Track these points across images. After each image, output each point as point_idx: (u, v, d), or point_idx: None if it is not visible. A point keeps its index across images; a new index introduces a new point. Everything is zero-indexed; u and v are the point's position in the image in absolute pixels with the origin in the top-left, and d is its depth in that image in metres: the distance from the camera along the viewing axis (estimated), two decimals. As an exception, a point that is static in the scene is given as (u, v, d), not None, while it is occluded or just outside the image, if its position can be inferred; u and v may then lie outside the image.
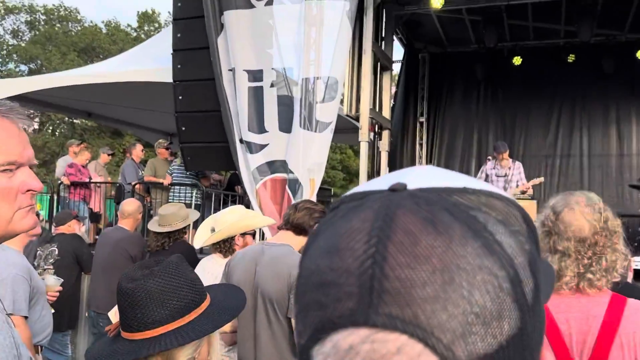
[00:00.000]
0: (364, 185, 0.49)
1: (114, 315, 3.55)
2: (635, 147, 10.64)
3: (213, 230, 3.53)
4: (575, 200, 1.60)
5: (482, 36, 9.49)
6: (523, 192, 7.69)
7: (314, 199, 5.91)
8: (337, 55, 6.23)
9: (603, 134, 10.76)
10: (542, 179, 7.92)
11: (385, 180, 0.48)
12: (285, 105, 6.31)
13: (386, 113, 8.75)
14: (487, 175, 7.77)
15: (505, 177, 7.67)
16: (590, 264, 1.53)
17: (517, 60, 10.73)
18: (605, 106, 10.72)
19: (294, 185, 6.14)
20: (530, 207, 7.67)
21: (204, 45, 6.78)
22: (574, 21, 8.96)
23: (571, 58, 10.47)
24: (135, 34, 31.03)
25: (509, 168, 7.72)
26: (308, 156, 6.13)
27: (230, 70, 6.56)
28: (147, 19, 31.76)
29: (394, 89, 11.59)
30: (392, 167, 9.61)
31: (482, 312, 0.40)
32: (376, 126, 8.51)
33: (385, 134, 8.68)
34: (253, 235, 3.92)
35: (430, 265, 0.40)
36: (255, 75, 6.41)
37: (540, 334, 0.45)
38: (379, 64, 8.33)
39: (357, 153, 6.86)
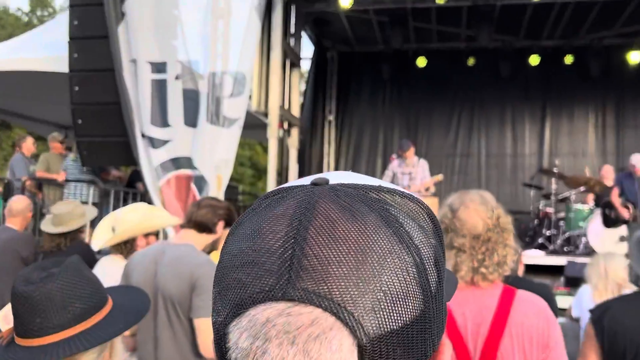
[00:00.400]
0: (288, 183, 0.53)
1: (2, 320, 3.30)
2: (528, 148, 11.27)
3: (114, 230, 3.34)
4: (470, 199, 1.66)
5: (389, 37, 9.72)
6: (427, 189, 7.95)
7: (221, 196, 5.80)
8: (245, 50, 6.15)
9: (499, 135, 11.36)
10: (441, 176, 8.17)
11: (309, 178, 0.51)
12: (191, 99, 6.14)
13: (295, 110, 8.77)
14: (394, 174, 7.93)
15: (410, 175, 7.86)
16: (484, 259, 1.60)
17: (421, 62, 11.10)
18: (502, 108, 11.35)
19: (200, 182, 5.99)
20: (432, 204, 8.00)
21: (103, 34, 6.44)
22: (474, 26, 9.42)
23: (471, 61, 10.99)
24: (26, 19, 29.08)
25: (414, 166, 7.91)
26: (215, 152, 6.00)
27: (131, 61, 6.28)
28: (41, 3, 29.87)
29: (303, 87, 11.69)
30: (301, 164, 9.70)
31: (390, 291, 0.43)
32: (285, 123, 8.51)
33: (295, 131, 8.70)
34: (156, 235, 3.76)
35: (346, 246, 0.43)
36: (159, 67, 6.18)
37: (441, 324, 0.48)
38: (288, 60, 8.33)
39: (266, 150, 6.87)
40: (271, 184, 7.47)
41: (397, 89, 11.70)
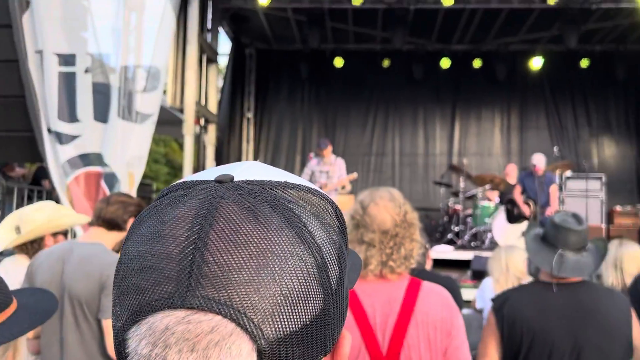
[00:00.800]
0: (193, 175, 0.51)
1: None
2: (439, 147, 11.66)
3: (18, 229, 3.17)
4: (380, 196, 1.73)
5: (307, 36, 9.78)
6: (343, 187, 8.03)
7: (133, 194, 5.64)
8: (159, 44, 6.00)
9: (412, 134, 11.70)
10: (355, 174, 8.25)
11: (213, 172, 0.50)
12: (102, 93, 5.91)
13: (212, 106, 8.67)
14: (312, 172, 7.98)
15: (327, 173, 7.91)
16: (392, 253, 1.67)
17: (338, 62, 11.28)
18: (415, 109, 11.70)
19: (111, 179, 5.79)
20: (349, 201, 8.18)
21: (5, 22, 6.06)
22: (389, 29, 9.68)
23: (386, 63, 11.26)
24: None
25: (331, 164, 7.96)
26: (127, 149, 5.82)
27: (37, 52, 5.96)
28: None
29: (221, 83, 11.45)
30: (219, 162, 9.54)
31: (291, 294, 0.44)
32: (202, 120, 8.39)
33: (212, 127, 8.61)
34: (65, 234, 3.60)
35: (247, 251, 0.43)
36: (67, 59, 5.91)
37: (342, 315, 0.50)
38: (204, 56, 8.22)
39: (182, 147, 6.74)
40: (187, 182, 7.31)
41: (315, 88, 11.81)
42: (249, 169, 0.51)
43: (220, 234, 0.44)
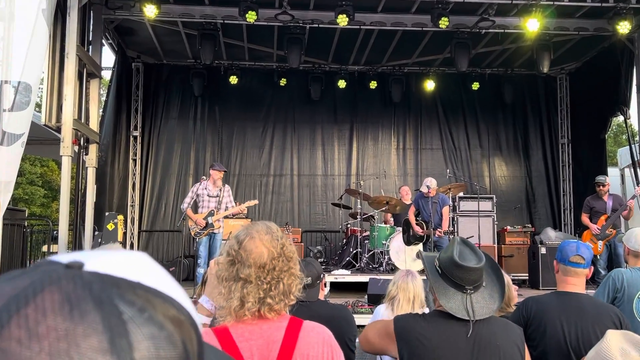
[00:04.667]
0: (60, 255, 0.49)
1: None
2: (337, 168, 11.94)
3: None
4: (256, 230, 1.70)
5: (199, 52, 9.61)
6: (235, 215, 8.10)
7: (-1, 222, 5.23)
8: (31, 57, 5.65)
9: (310, 155, 11.87)
10: (256, 201, 8.28)
11: (75, 255, 0.48)
12: (-38, 111, 5.44)
13: (94, 124, 8.27)
14: (197, 195, 7.78)
15: (217, 198, 7.80)
16: (270, 289, 1.64)
17: (233, 79, 11.22)
18: (313, 129, 11.91)
19: (-29, 208, 5.32)
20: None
21: None
22: (285, 47, 9.73)
23: (283, 82, 11.34)
24: None
25: (221, 190, 7.86)
26: (-9, 173, 5.38)
27: None
28: None
29: (104, 99, 11.03)
30: (102, 183, 9.18)
31: None
32: (82, 139, 7.99)
33: (93, 147, 8.21)
34: None
35: (40, 346, 0.40)
36: None
37: None
38: (85, 70, 7.85)
39: (60, 167, 6.38)
40: (65, 207, 6.94)
41: (209, 105, 11.70)
42: (109, 260, 0.49)
43: (22, 321, 0.41)
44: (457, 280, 2.19)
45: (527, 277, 9.12)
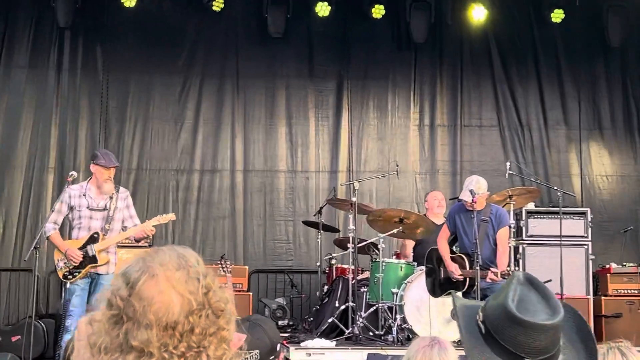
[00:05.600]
0: None
1: None
2: (314, 160, 10.83)
3: None
4: (160, 262, 1.56)
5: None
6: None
7: None
8: None
9: (267, 137, 10.77)
10: (172, 215, 7.70)
11: None
12: None
13: None
14: (71, 208, 7.28)
15: (104, 212, 7.31)
16: None
17: (128, 0, 9.81)
18: (271, 91, 10.71)
19: None
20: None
21: None
22: None
23: (218, 5, 9.98)
24: None
25: (112, 197, 7.36)
26: None
27: None
28: None
29: None
30: None
31: None
32: None
33: None
34: None
35: None
36: None
37: None
38: None
39: None
40: None
41: (84, 45, 10.36)
42: None
43: None
44: (511, 347, 1.98)
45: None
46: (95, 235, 7.13)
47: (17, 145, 10.14)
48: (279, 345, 3.10)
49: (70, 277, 7.07)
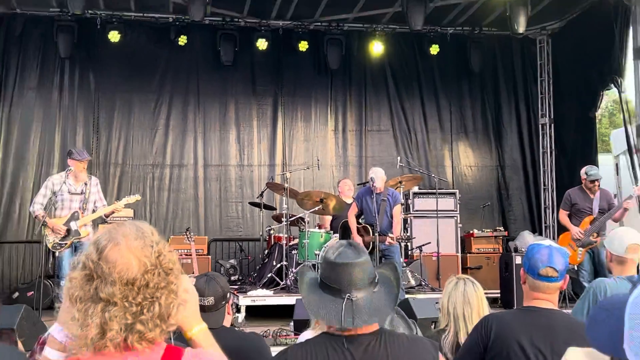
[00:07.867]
0: None
1: None
2: (257, 156, 11.99)
3: None
4: (123, 233, 1.69)
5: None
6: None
7: None
8: None
9: (221, 139, 11.87)
10: (138, 196, 8.20)
11: None
12: None
13: None
14: (54, 194, 7.67)
15: (82, 196, 7.74)
16: (141, 312, 1.62)
17: (114, 36, 10.94)
18: (224, 105, 11.89)
19: None
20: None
21: None
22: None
23: (182, 40, 11.22)
24: None
25: (86, 184, 7.82)
26: None
27: None
28: None
29: None
30: None
31: None
32: None
33: None
34: None
35: None
36: None
37: None
38: None
39: None
40: None
41: (80, 70, 11.48)
42: None
43: None
44: (336, 283, 2.29)
45: (499, 295, 9.20)
46: (75, 214, 7.62)
47: (29, 147, 11.09)
48: (229, 294, 3.22)
49: (58, 247, 7.59)
